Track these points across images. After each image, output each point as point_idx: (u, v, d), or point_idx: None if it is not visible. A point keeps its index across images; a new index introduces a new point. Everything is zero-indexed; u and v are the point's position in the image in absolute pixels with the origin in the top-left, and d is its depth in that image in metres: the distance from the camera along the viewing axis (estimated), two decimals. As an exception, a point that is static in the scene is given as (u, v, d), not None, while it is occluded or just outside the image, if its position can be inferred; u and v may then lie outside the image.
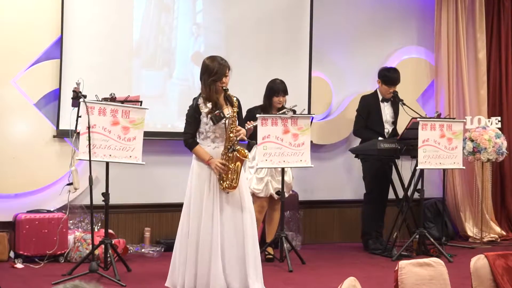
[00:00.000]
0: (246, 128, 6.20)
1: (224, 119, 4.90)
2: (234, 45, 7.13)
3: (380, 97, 7.09)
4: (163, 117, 6.87)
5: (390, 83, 6.98)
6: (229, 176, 4.89)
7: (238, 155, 4.90)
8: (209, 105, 4.93)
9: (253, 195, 6.25)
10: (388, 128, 7.10)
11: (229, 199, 4.92)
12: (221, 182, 4.90)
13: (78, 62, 6.49)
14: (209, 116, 4.90)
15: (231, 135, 4.92)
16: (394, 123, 7.15)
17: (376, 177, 7.01)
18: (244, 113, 6.55)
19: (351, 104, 7.58)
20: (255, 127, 6.01)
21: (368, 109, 7.07)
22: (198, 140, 5.01)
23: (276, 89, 6.33)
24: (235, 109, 4.96)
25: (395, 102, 7.04)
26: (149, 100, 6.41)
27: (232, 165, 4.89)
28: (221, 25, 7.10)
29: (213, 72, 4.92)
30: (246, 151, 4.96)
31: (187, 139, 5.00)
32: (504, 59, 8.20)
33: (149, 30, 6.83)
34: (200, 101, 4.96)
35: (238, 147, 4.93)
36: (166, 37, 6.91)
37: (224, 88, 4.96)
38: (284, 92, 6.36)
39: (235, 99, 4.99)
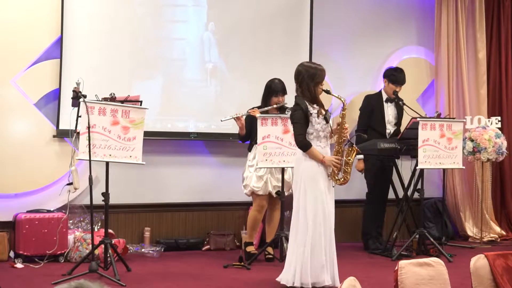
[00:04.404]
0: (245, 114, 6.24)
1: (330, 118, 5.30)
2: (234, 45, 7.13)
3: (385, 97, 7.09)
4: (164, 116, 6.87)
5: (397, 82, 6.98)
6: (347, 169, 5.18)
7: (355, 148, 5.27)
8: (315, 106, 5.16)
9: (253, 193, 6.26)
10: (390, 128, 7.09)
11: (331, 195, 5.18)
12: (335, 177, 5.15)
13: (78, 62, 6.49)
14: (320, 116, 5.13)
15: (344, 131, 5.23)
16: (397, 124, 7.13)
17: (376, 177, 7.01)
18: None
19: (351, 103, 7.57)
20: (256, 127, 6.01)
21: (371, 108, 7.07)
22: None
23: (275, 88, 6.31)
24: (345, 107, 5.26)
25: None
26: (149, 99, 6.42)
27: (349, 158, 5.21)
28: (221, 23, 7.10)
29: (316, 75, 5.18)
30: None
31: (303, 140, 5.11)
32: (504, 59, 8.20)
33: (149, 28, 6.83)
34: (307, 103, 5.12)
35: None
36: (166, 35, 6.91)
37: (324, 90, 5.24)
38: (283, 91, 6.34)
39: (342, 98, 5.29)
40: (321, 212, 5.04)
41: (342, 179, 5.21)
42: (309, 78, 5.17)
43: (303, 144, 5.10)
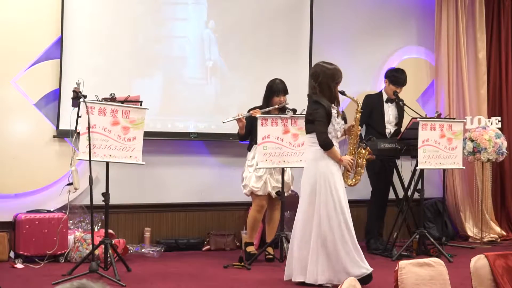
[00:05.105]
0: (247, 115, 6.24)
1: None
2: (234, 45, 7.13)
3: (385, 98, 7.08)
4: (164, 115, 6.87)
5: (398, 83, 6.98)
6: (360, 170, 5.28)
7: (368, 149, 5.38)
8: (334, 105, 5.23)
9: (252, 193, 6.26)
10: (390, 128, 7.09)
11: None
12: (347, 178, 5.25)
13: (78, 62, 6.49)
14: (340, 116, 5.23)
15: (357, 132, 5.33)
16: (398, 124, 7.12)
17: (378, 177, 7.01)
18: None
19: (351, 103, 7.56)
20: (256, 127, 6.01)
21: (370, 108, 7.06)
22: None
23: (276, 89, 6.31)
24: (359, 109, 5.36)
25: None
26: (149, 98, 6.42)
27: (362, 159, 5.31)
28: (221, 21, 7.10)
29: (336, 75, 5.25)
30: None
31: (326, 138, 5.14)
32: (504, 59, 8.20)
33: (149, 27, 6.82)
34: (327, 102, 5.17)
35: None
36: (166, 33, 6.91)
37: (340, 91, 5.31)
38: (285, 91, 6.34)
39: (355, 98, 5.42)
40: (346, 207, 5.13)
41: (354, 180, 5.28)
42: (330, 77, 5.23)
43: (327, 143, 5.12)
